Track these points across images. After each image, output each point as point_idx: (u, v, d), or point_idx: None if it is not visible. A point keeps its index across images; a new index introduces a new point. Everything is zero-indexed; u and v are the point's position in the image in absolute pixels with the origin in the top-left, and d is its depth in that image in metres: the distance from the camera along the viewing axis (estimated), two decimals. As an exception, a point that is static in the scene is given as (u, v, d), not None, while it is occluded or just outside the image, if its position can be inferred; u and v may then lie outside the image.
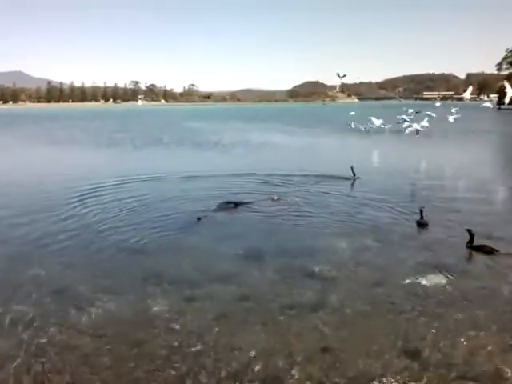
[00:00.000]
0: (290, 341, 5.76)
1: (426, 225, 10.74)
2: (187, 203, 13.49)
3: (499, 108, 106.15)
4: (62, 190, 15.44)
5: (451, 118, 37.42)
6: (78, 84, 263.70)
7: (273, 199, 13.80)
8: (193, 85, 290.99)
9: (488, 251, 8.83)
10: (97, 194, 14.98)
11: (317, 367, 5.20)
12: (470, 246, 9.11)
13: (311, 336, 5.88)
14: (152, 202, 13.72)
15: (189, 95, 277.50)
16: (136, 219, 11.68)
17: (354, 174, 17.40)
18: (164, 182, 17.25)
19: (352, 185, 16.59)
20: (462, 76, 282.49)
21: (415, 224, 10.87)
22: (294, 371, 5.13)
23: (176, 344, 5.70)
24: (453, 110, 37.74)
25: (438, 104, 43.09)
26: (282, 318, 6.37)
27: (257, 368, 5.20)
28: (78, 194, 14.85)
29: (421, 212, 10.92)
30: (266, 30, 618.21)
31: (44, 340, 5.84)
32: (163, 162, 24.18)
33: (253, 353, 5.48)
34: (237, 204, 13.16)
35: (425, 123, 33.90)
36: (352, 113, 48.64)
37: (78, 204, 13.44)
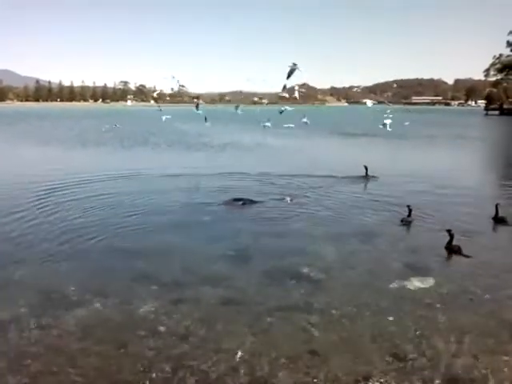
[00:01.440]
0: (277, 343, 5.79)
1: (410, 222, 11.19)
2: (180, 202, 13.59)
3: (486, 114, 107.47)
4: (47, 188, 15.28)
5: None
6: (66, 83, 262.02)
7: (284, 199, 13.80)
8: (182, 86, 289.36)
9: (455, 251, 9.08)
10: (85, 192, 14.90)
11: (303, 369, 5.24)
12: (448, 246, 9.29)
13: (298, 338, 5.92)
14: (141, 201, 13.71)
15: (178, 96, 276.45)
16: (125, 218, 11.64)
17: (367, 174, 17.70)
18: (154, 181, 17.23)
19: (365, 185, 16.98)
20: (451, 81, 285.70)
21: (400, 221, 11.31)
22: (280, 373, 5.16)
23: (162, 346, 5.70)
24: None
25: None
26: (268, 319, 6.39)
27: (243, 370, 5.22)
28: (64, 192, 14.79)
29: (409, 210, 11.29)
30: (255, 32, 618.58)
31: (31, 341, 5.81)
32: (153, 160, 24.15)
33: (239, 355, 5.50)
34: (245, 202, 13.13)
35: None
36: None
37: (62, 202, 13.35)
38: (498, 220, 11.39)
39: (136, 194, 14.61)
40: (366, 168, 17.80)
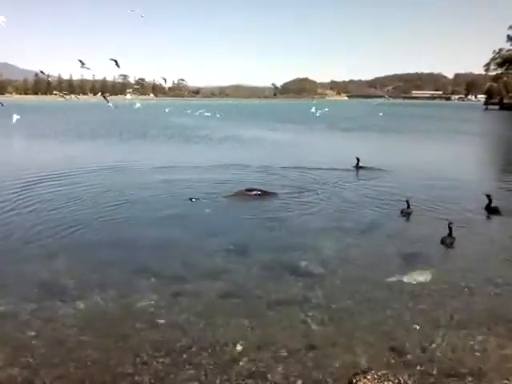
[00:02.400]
0: (276, 336, 5.80)
1: (409, 213, 11.37)
2: (184, 193, 13.60)
3: (486, 108, 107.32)
4: (41, 180, 15.35)
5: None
6: (65, 76, 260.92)
7: (298, 192, 13.90)
8: (182, 79, 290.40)
9: (446, 243, 9.20)
10: (81, 184, 14.91)
11: (302, 362, 5.25)
12: (442, 238, 9.33)
13: (297, 331, 5.94)
14: (143, 193, 13.74)
15: (178, 90, 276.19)
16: (125, 210, 11.67)
17: (358, 165, 18.20)
18: (156, 173, 17.21)
19: (358, 176, 17.45)
20: (451, 76, 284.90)
21: (399, 212, 11.50)
22: (279, 366, 5.17)
23: (162, 339, 5.71)
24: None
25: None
26: (268, 313, 6.41)
27: (242, 363, 5.23)
28: (59, 183, 14.83)
29: (407, 203, 11.46)
30: (255, 26, 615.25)
31: (30, 334, 5.82)
32: (155, 153, 24.17)
33: (238, 348, 5.51)
34: (257, 193, 13.18)
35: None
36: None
37: (61, 194, 13.35)
38: (491, 210, 11.59)
39: (137, 186, 14.63)
40: (358, 159, 18.24)
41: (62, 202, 12.41)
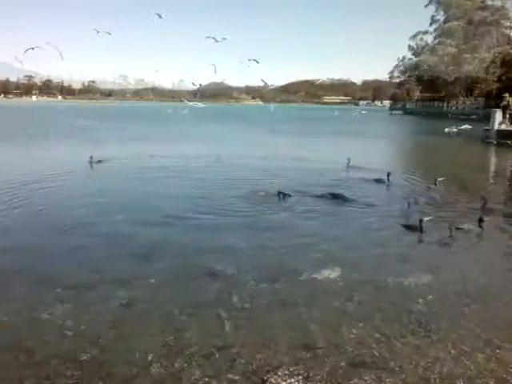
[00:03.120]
0: (189, 341, 5.70)
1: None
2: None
3: (391, 113, 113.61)
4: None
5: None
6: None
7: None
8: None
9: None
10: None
11: (214, 364, 5.21)
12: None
13: (210, 333, 5.88)
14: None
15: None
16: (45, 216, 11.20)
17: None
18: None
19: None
20: (359, 82, 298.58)
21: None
22: (192, 369, 5.11)
23: (69, 351, 5.43)
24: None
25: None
26: (181, 318, 6.28)
27: (155, 370, 5.12)
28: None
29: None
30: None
31: None
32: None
33: (150, 356, 5.37)
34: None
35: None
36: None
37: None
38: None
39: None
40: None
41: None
